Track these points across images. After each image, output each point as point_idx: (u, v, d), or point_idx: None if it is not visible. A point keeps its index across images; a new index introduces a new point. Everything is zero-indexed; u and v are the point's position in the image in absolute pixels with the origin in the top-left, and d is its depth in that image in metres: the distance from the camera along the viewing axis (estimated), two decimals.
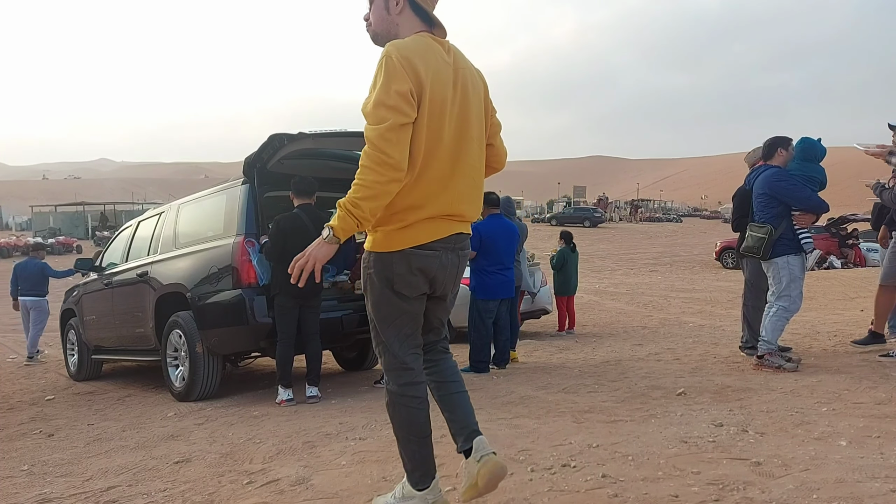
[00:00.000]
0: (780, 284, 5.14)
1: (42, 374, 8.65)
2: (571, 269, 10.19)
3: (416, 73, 2.17)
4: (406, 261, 2.29)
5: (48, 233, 45.23)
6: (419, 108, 2.20)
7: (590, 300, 14.53)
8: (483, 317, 6.28)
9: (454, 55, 2.35)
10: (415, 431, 2.42)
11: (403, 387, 2.40)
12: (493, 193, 6.69)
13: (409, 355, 2.41)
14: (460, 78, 2.32)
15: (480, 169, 2.44)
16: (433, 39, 2.31)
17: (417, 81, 2.18)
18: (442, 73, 2.25)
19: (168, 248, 6.35)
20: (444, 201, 2.29)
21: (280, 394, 5.29)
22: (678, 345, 7.42)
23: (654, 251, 33.04)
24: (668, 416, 3.95)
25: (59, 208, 59.38)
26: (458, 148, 2.31)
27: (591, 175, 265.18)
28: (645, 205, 73.52)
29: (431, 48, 2.26)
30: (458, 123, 2.31)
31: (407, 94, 2.15)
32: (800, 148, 5.33)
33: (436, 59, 2.25)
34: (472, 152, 2.37)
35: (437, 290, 2.41)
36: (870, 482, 2.60)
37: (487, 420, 4.16)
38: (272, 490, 3.10)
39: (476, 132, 2.38)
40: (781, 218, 5.14)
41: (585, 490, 2.74)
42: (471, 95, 2.35)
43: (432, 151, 2.24)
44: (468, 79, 2.36)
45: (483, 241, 6.26)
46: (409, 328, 2.40)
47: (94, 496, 3.34)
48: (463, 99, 2.32)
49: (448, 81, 2.27)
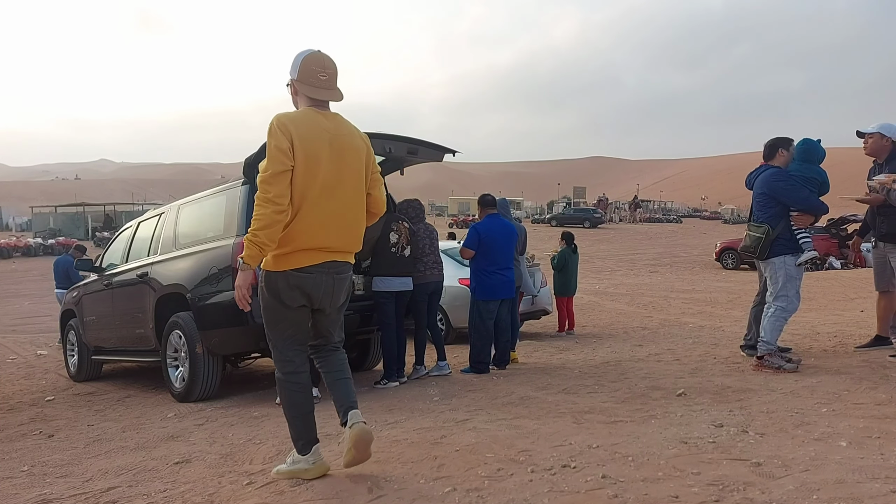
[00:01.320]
0: (776, 284, 5.15)
1: (42, 375, 8.65)
2: (572, 270, 10.19)
3: (289, 133, 2.89)
4: (286, 279, 2.99)
5: (48, 233, 45.19)
6: (295, 160, 2.89)
7: (590, 301, 14.53)
8: (483, 318, 6.28)
9: (337, 124, 3.06)
10: (296, 408, 3.12)
11: (287, 374, 3.12)
12: (488, 195, 6.68)
13: (291, 351, 3.11)
14: (337, 140, 3.01)
15: (355, 211, 3.11)
16: (316, 112, 3.02)
17: (290, 139, 2.88)
18: (316, 136, 2.95)
19: (168, 249, 6.35)
20: (319, 236, 2.97)
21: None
22: (678, 345, 7.42)
23: (654, 252, 33.05)
24: (668, 417, 3.95)
25: (59, 209, 59.36)
26: (332, 194, 2.98)
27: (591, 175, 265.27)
28: (645, 205, 73.31)
29: (310, 117, 2.99)
30: (333, 174, 2.98)
31: (284, 148, 2.87)
32: (800, 149, 5.34)
33: (311, 125, 2.96)
34: (347, 198, 3.05)
35: (315, 304, 3.07)
36: (870, 483, 2.60)
37: (487, 420, 4.16)
38: (272, 490, 3.10)
39: (351, 182, 3.06)
40: (779, 218, 5.14)
41: (585, 491, 2.74)
42: (347, 154, 3.04)
43: (307, 195, 2.92)
44: (346, 141, 3.05)
45: (482, 240, 6.26)
46: (290, 331, 3.09)
47: (94, 497, 3.34)
48: (339, 156, 3.00)
49: (323, 142, 2.96)
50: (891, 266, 5.43)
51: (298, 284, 2.99)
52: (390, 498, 2.86)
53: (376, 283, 5.81)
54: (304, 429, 3.11)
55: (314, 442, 3.11)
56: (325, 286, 3.04)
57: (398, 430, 4.08)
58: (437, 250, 6.38)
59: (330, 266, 3.04)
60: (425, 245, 6.23)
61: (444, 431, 3.91)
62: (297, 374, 3.11)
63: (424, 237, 6.26)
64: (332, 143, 3.00)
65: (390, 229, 5.84)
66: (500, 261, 6.31)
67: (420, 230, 6.23)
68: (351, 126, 3.12)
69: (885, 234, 5.42)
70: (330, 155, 2.97)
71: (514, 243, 6.58)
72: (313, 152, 2.92)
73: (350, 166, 3.05)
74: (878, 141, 5.50)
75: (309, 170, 2.91)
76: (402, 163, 6.54)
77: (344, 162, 3.02)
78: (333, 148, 2.99)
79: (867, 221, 5.80)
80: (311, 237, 2.96)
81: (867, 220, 5.79)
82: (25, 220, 64.46)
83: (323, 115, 3.04)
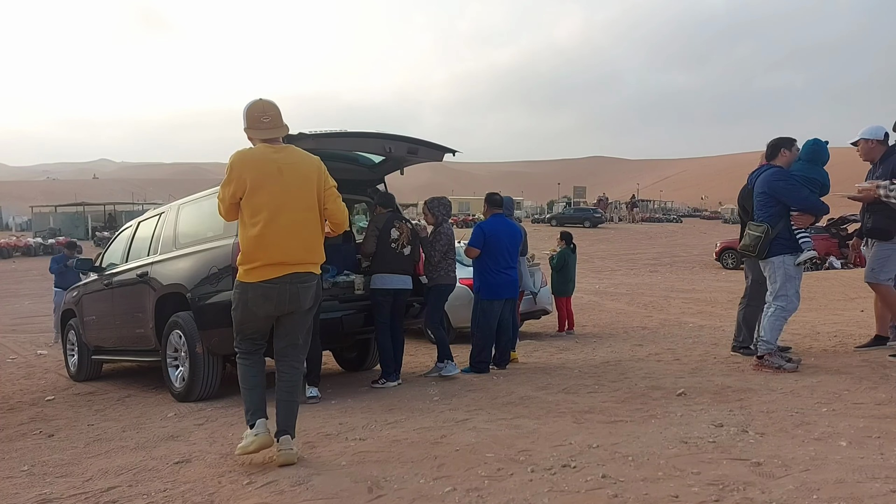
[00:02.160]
0: (775, 284, 5.15)
1: (42, 375, 8.65)
2: (571, 269, 10.19)
3: (237, 169, 3.47)
4: (252, 289, 3.49)
5: (48, 233, 45.16)
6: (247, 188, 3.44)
7: (590, 300, 14.52)
8: (488, 317, 6.27)
9: (287, 154, 3.55)
10: (248, 381, 3.62)
11: (243, 356, 3.68)
12: (496, 194, 6.68)
13: (247, 342, 3.66)
14: (287, 168, 3.49)
15: (310, 227, 3.54)
16: (266, 147, 3.53)
17: (238, 173, 3.46)
18: (264, 167, 3.46)
19: (168, 249, 6.35)
20: (279, 252, 3.44)
21: None
22: (678, 345, 7.42)
23: (654, 251, 33.03)
24: (668, 417, 3.96)
25: (59, 209, 59.35)
26: (285, 214, 3.44)
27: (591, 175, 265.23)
28: (644, 205, 73.05)
29: (259, 152, 3.52)
30: (283, 197, 3.45)
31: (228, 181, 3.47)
32: (808, 149, 5.32)
33: (259, 159, 3.48)
34: (299, 216, 3.49)
35: (283, 309, 3.53)
36: (870, 482, 2.60)
37: (487, 420, 4.16)
38: (272, 490, 3.10)
39: (302, 202, 3.50)
40: (779, 217, 5.14)
41: (585, 490, 2.74)
42: (296, 178, 3.50)
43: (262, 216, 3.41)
44: (295, 168, 3.53)
45: (487, 239, 6.25)
46: (250, 330, 3.62)
47: (94, 496, 3.34)
48: (288, 181, 3.48)
49: (271, 171, 3.46)
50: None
51: (265, 294, 3.47)
52: (390, 498, 2.86)
53: (374, 281, 5.79)
54: (253, 401, 3.58)
55: (259, 415, 3.51)
56: (291, 294, 3.50)
57: (398, 430, 4.08)
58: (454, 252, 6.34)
59: (292, 277, 3.49)
60: (446, 245, 6.15)
61: (444, 431, 3.91)
62: (252, 356, 3.68)
63: (444, 237, 6.17)
64: (282, 170, 3.48)
65: (392, 226, 5.83)
66: (504, 260, 6.31)
67: (445, 230, 6.19)
68: (301, 154, 3.62)
69: (871, 230, 5.50)
70: (279, 181, 3.46)
71: (518, 243, 6.59)
72: (260, 181, 3.44)
73: (300, 189, 3.51)
74: (866, 145, 5.66)
75: (260, 195, 3.44)
76: (402, 162, 6.53)
77: (294, 185, 3.49)
78: (283, 174, 3.47)
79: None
80: (271, 253, 3.43)
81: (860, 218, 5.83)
82: (25, 220, 64.45)
83: (273, 148, 3.54)
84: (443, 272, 6.13)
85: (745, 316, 6.04)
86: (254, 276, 3.45)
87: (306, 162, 3.58)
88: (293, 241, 3.47)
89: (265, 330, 3.64)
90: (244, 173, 3.44)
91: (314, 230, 3.57)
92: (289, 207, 3.46)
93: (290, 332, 3.61)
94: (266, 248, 3.43)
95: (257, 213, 3.43)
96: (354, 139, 5.92)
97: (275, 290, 3.45)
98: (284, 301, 3.49)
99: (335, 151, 6.24)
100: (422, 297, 6.61)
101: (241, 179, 3.44)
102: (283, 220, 3.44)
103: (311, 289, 3.58)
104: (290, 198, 3.47)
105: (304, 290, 3.52)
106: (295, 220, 3.48)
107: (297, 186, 3.49)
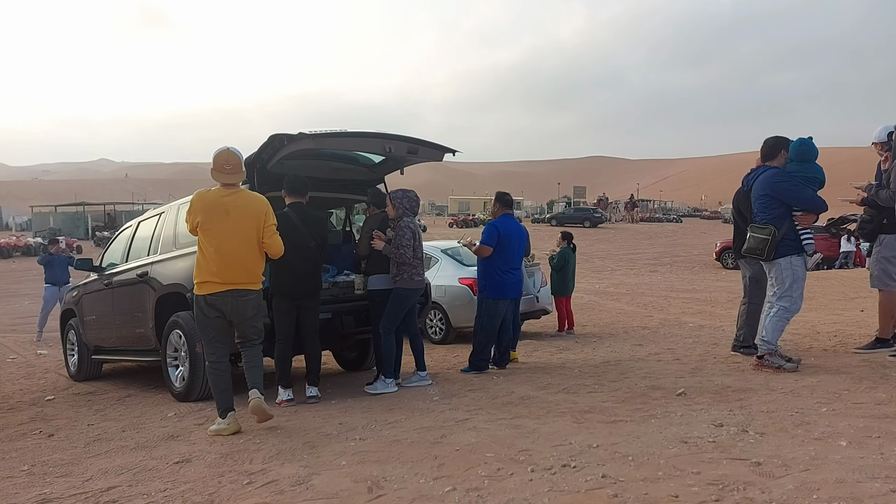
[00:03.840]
0: (782, 285, 5.14)
1: (42, 375, 8.65)
2: (571, 269, 10.18)
3: (196, 207, 4.48)
4: (204, 300, 4.45)
5: (48, 233, 45.18)
6: (200, 222, 4.44)
7: (590, 300, 14.53)
8: (493, 316, 6.27)
9: (236, 197, 4.49)
10: (218, 385, 4.50)
11: (211, 363, 4.55)
12: (507, 194, 6.67)
13: (214, 346, 4.55)
14: (233, 210, 4.44)
15: (248, 255, 4.46)
16: (221, 189, 4.51)
17: (195, 211, 4.47)
18: (215, 206, 4.44)
19: (168, 249, 6.34)
20: (222, 273, 4.39)
21: (280, 394, 5.29)
22: (678, 345, 7.42)
23: (654, 251, 33.04)
24: (668, 417, 3.96)
25: (59, 208, 59.35)
26: (228, 244, 4.40)
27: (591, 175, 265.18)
28: (644, 205, 72.97)
29: (214, 194, 4.50)
30: (228, 231, 4.40)
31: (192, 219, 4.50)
32: (796, 149, 5.30)
33: (213, 200, 4.47)
34: (239, 247, 4.42)
35: (227, 317, 4.49)
36: (870, 482, 2.60)
37: (487, 420, 4.16)
38: (272, 490, 3.11)
39: (242, 235, 4.43)
40: (784, 219, 5.13)
41: (585, 490, 2.74)
42: (239, 218, 4.43)
43: (211, 245, 4.39)
44: (241, 209, 4.46)
45: (501, 238, 6.25)
46: (213, 334, 4.52)
47: (94, 496, 3.34)
48: (232, 220, 4.42)
49: (220, 210, 4.42)
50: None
51: (212, 304, 4.44)
52: (390, 498, 2.86)
53: (371, 282, 5.78)
54: (223, 399, 4.45)
55: (229, 410, 4.42)
56: (232, 305, 4.45)
57: (398, 430, 4.08)
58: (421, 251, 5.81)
59: (233, 293, 4.43)
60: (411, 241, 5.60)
61: (444, 431, 3.91)
62: (219, 363, 4.54)
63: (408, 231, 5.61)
64: (229, 211, 4.44)
65: (386, 227, 5.81)
66: (512, 260, 6.33)
67: (406, 224, 5.64)
68: (249, 198, 4.57)
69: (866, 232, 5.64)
70: (226, 220, 4.42)
71: (524, 244, 6.63)
72: (210, 219, 4.43)
73: (242, 226, 4.44)
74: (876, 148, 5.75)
75: (208, 230, 4.42)
76: (402, 162, 6.53)
77: (237, 223, 4.43)
78: (230, 214, 4.43)
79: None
80: (216, 273, 4.39)
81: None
82: (25, 220, 64.45)
83: (226, 192, 4.50)
84: (407, 275, 5.63)
85: (747, 315, 6.04)
86: (203, 290, 4.43)
87: (252, 205, 4.53)
88: (233, 266, 4.42)
89: (222, 331, 4.53)
90: (198, 213, 4.45)
91: (252, 257, 4.50)
92: (231, 240, 4.41)
93: (243, 334, 4.59)
94: (211, 270, 4.40)
95: (207, 243, 4.42)
96: (354, 139, 5.91)
97: (219, 301, 4.42)
98: (227, 310, 4.45)
99: (335, 151, 6.24)
100: (422, 297, 6.60)
101: (195, 216, 4.47)
102: (225, 250, 4.39)
103: (250, 301, 4.51)
104: (233, 233, 4.42)
105: (243, 303, 4.48)
106: (236, 251, 4.42)
107: (239, 225, 4.44)
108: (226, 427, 4.34)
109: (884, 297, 5.63)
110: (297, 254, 5.14)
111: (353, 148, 6.17)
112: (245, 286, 4.46)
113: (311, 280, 5.36)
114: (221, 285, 4.39)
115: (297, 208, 5.35)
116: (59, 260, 12.36)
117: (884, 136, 5.67)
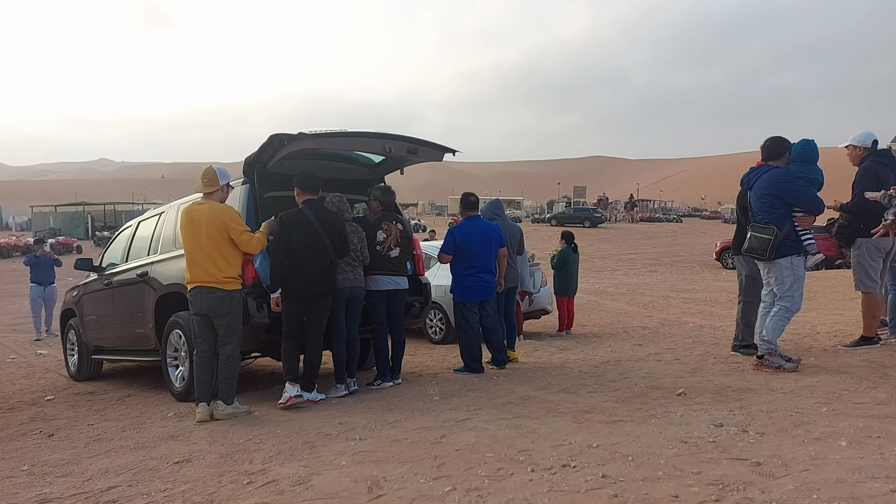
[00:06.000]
0: (783, 285, 5.14)
1: (42, 375, 8.65)
2: (572, 269, 10.17)
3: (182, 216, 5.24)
4: (188, 296, 5.16)
5: (48, 233, 45.18)
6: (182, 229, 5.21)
7: (590, 300, 14.52)
8: (467, 317, 6.30)
9: (210, 207, 5.12)
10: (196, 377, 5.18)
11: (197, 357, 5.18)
12: (471, 195, 6.62)
13: (196, 340, 5.21)
14: (198, 215, 5.09)
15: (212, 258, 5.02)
16: (199, 200, 5.28)
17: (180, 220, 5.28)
18: (186, 214, 5.16)
19: (168, 249, 6.34)
20: (193, 272, 5.07)
21: (288, 390, 5.15)
22: (678, 345, 7.42)
23: (654, 251, 33.05)
24: (668, 417, 3.96)
25: (59, 208, 59.37)
26: (199, 248, 5.04)
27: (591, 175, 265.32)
28: (644, 205, 72.91)
29: (194, 205, 5.23)
30: (195, 238, 5.06)
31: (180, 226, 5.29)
32: (800, 150, 5.33)
33: (187, 213, 5.16)
34: (208, 250, 5.02)
35: (202, 312, 5.08)
36: (870, 482, 2.60)
37: (487, 420, 4.16)
38: (272, 490, 3.11)
39: (207, 240, 5.02)
40: (785, 219, 5.14)
41: (585, 490, 2.74)
42: (204, 223, 5.03)
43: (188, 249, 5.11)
44: (206, 217, 5.05)
45: (458, 245, 6.26)
46: (196, 329, 5.19)
47: (94, 496, 3.34)
48: (197, 227, 5.05)
49: (189, 218, 5.11)
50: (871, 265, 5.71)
51: (192, 300, 5.12)
52: (390, 498, 2.86)
53: (367, 283, 5.77)
54: (198, 391, 5.08)
55: (202, 401, 5.04)
56: (201, 301, 5.06)
57: (398, 430, 4.08)
58: (358, 251, 5.59)
59: (200, 289, 5.04)
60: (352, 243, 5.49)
61: (444, 431, 3.91)
62: (199, 355, 5.16)
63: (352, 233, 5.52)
64: (194, 220, 5.09)
65: (379, 228, 5.79)
66: (477, 263, 6.26)
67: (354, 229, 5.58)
68: (214, 206, 5.13)
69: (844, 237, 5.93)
70: (192, 227, 5.07)
71: (493, 244, 6.39)
72: (189, 225, 5.09)
73: (206, 232, 5.02)
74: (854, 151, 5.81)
75: (187, 235, 5.12)
76: (402, 162, 6.52)
77: (202, 229, 5.03)
78: (194, 221, 5.09)
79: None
80: (191, 273, 5.09)
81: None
82: (25, 220, 64.45)
83: (199, 203, 5.22)
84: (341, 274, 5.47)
85: (742, 314, 6.05)
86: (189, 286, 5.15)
87: (212, 212, 5.09)
88: (196, 266, 5.05)
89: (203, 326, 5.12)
90: (183, 220, 5.20)
91: (217, 259, 5.03)
92: (195, 244, 5.06)
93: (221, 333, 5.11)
94: (190, 269, 5.10)
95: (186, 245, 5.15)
96: (354, 139, 5.91)
97: (197, 297, 5.07)
98: (199, 306, 5.06)
99: (335, 151, 6.23)
100: (422, 297, 6.60)
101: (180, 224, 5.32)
102: (194, 253, 5.06)
103: (218, 299, 5.02)
104: (196, 237, 5.06)
105: (212, 300, 5.02)
106: (201, 253, 5.04)
107: (204, 230, 5.03)
108: (198, 416, 4.96)
109: (866, 299, 5.76)
110: (311, 253, 5.11)
111: (353, 148, 6.17)
112: (209, 284, 5.02)
113: (323, 281, 5.26)
114: (192, 282, 5.08)
115: (312, 205, 5.29)
116: (45, 261, 12.77)
117: (868, 142, 5.75)
